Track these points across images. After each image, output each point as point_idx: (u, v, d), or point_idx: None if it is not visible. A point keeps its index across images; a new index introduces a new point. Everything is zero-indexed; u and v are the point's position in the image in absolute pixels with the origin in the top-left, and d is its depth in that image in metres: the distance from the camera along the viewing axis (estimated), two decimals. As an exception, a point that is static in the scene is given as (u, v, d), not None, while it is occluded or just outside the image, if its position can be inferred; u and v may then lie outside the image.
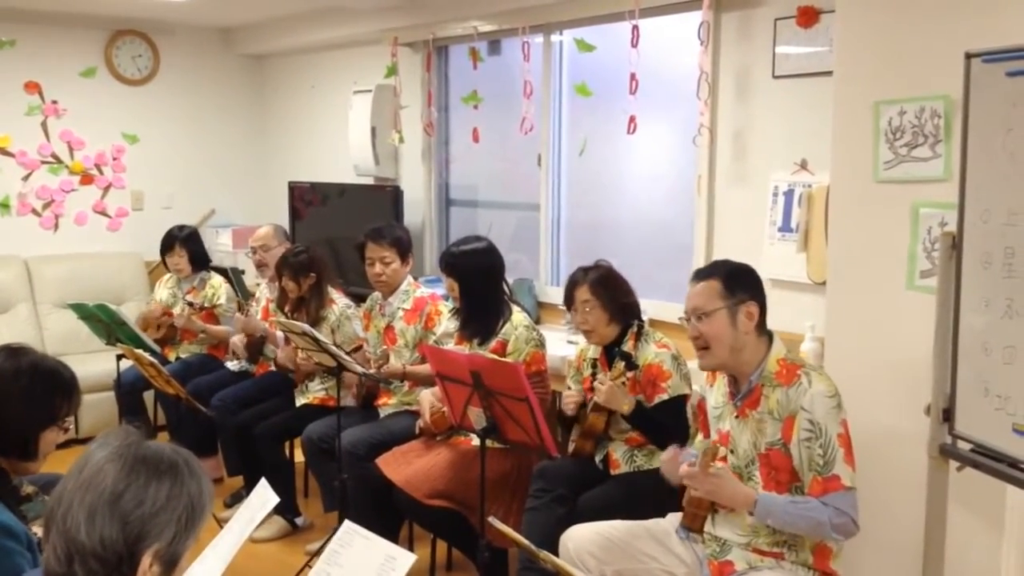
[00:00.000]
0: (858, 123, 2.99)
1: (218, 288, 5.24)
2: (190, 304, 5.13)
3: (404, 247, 4.19)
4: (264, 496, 2.41)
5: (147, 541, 1.45)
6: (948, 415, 2.49)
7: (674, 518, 2.78)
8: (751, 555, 2.62)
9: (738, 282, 2.67)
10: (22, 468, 2.33)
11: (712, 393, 2.83)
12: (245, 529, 2.28)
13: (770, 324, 2.72)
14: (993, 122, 2.29)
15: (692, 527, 2.65)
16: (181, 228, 5.34)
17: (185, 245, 5.25)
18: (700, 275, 2.73)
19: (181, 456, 1.53)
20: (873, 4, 2.98)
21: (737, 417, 2.68)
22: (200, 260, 5.33)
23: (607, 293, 3.31)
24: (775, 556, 2.60)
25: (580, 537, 2.81)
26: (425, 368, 3.98)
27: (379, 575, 2.03)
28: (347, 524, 2.20)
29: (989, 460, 2.35)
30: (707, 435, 2.87)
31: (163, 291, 5.41)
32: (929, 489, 2.56)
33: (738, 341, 2.63)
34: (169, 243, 5.27)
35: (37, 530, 2.26)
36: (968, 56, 2.37)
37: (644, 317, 3.43)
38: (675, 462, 2.72)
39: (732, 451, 2.68)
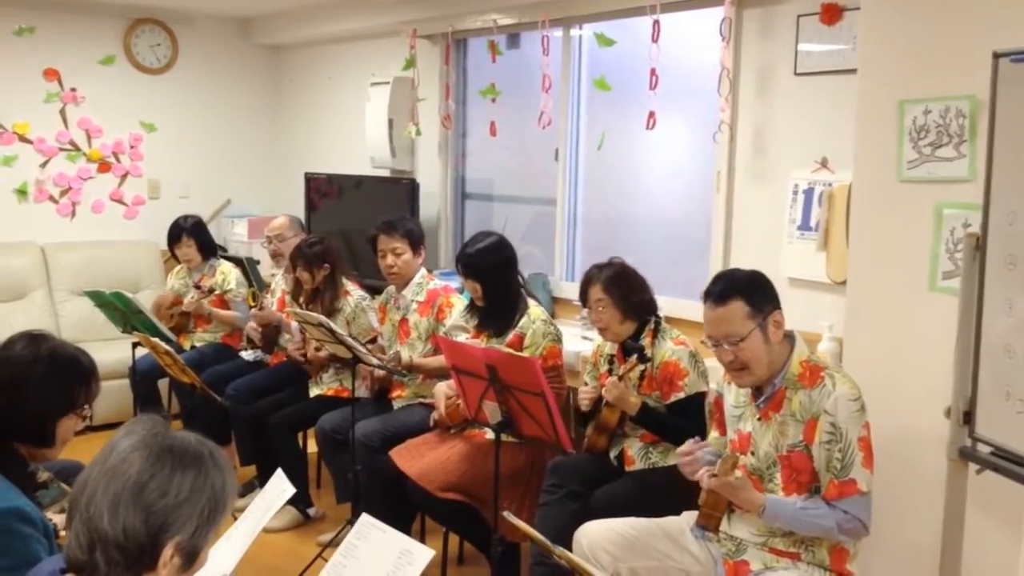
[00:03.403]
0: (882, 122, 2.97)
1: (228, 274, 5.26)
2: (198, 287, 5.15)
3: (416, 239, 4.19)
4: (280, 487, 2.42)
5: (169, 532, 1.45)
6: (968, 418, 2.47)
7: (689, 516, 2.76)
8: (767, 555, 2.61)
9: (760, 295, 2.59)
10: (40, 455, 2.33)
11: (731, 392, 2.80)
12: (261, 519, 2.29)
13: (787, 324, 2.68)
14: (1021, 123, 2.27)
15: (707, 526, 2.63)
16: (186, 218, 5.35)
17: (192, 235, 5.26)
18: (718, 297, 2.59)
19: (207, 448, 1.53)
20: (899, 2, 2.95)
21: (759, 419, 2.65)
22: (208, 248, 5.35)
23: (620, 291, 3.29)
24: (791, 556, 2.58)
25: (595, 533, 2.80)
26: (433, 361, 3.99)
27: (396, 569, 2.03)
28: (365, 517, 2.19)
29: (1009, 463, 2.34)
30: (723, 433, 2.85)
31: (175, 280, 5.44)
32: (948, 492, 2.54)
33: (772, 353, 2.59)
34: (176, 234, 5.27)
35: (52, 516, 2.27)
36: (996, 56, 2.35)
37: (660, 314, 3.41)
38: (693, 464, 2.67)
39: (753, 453, 2.66)
